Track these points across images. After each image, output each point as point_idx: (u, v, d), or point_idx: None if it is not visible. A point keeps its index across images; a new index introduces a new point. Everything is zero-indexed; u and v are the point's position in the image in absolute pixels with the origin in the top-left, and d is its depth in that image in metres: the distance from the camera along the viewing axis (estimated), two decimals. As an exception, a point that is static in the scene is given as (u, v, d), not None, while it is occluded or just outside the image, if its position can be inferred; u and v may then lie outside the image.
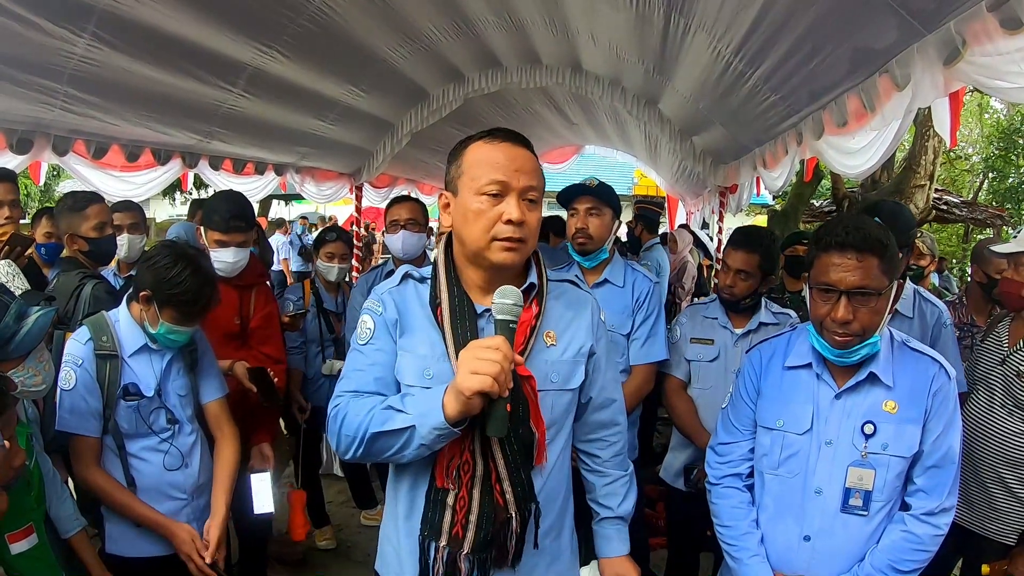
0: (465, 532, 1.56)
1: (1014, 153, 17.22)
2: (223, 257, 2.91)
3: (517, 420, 1.55)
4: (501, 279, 1.54)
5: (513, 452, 1.56)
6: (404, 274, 1.72)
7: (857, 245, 1.78)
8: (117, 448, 2.28)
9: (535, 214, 1.56)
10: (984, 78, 1.64)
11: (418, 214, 3.62)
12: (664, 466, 3.17)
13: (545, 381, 1.61)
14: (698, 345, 2.99)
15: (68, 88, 2.82)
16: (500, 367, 1.33)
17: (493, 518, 1.56)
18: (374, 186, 6.73)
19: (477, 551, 1.56)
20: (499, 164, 1.53)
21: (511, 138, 1.58)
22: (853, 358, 1.87)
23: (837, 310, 1.80)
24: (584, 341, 1.69)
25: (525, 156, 1.57)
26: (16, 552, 1.80)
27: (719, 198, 5.18)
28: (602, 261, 2.98)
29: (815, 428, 1.94)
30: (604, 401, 1.79)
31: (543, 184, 1.60)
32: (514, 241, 1.52)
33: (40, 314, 1.86)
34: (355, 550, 4.25)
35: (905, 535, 1.86)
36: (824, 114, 2.58)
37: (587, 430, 1.81)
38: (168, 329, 2.25)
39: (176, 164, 4.17)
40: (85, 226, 2.91)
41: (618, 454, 1.84)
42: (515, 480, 1.57)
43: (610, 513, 1.82)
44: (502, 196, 1.52)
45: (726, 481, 2.13)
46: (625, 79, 4.42)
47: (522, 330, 1.59)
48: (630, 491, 1.85)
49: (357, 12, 3.16)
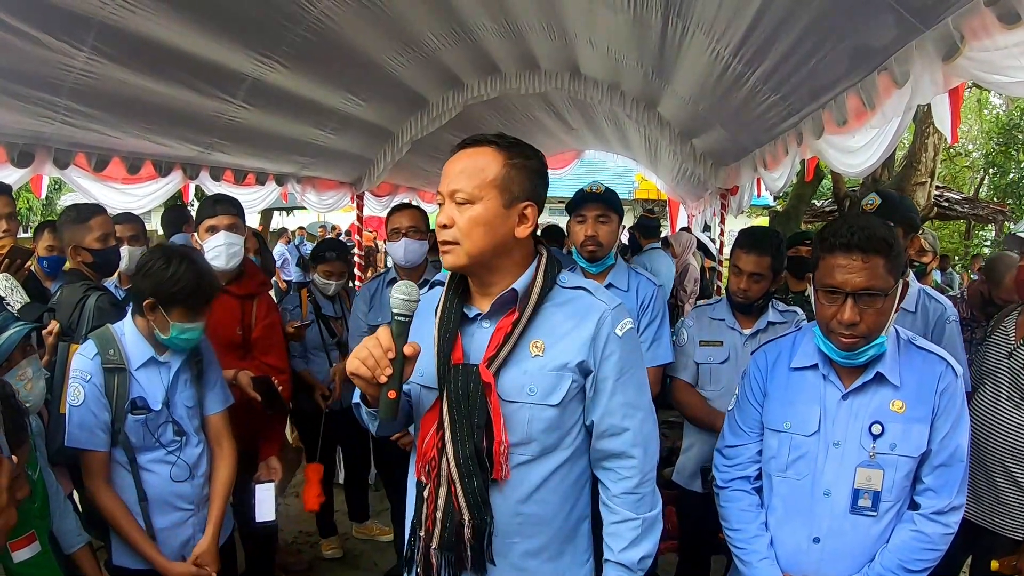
0: (434, 527, 1.61)
1: (1014, 148, 17.21)
2: (215, 242, 2.93)
3: (471, 426, 1.57)
4: (482, 282, 1.64)
5: (465, 457, 1.57)
6: (433, 282, 1.84)
7: (862, 246, 1.75)
8: (128, 462, 2.29)
9: (466, 214, 1.56)
10: (983, 73, 1.63)
11: (419, 221, 3.62)
12: (677, 468, 3.15)
13: (520, 392, 1.59)
14: (708, 348, 2.98)
15: (68, 101, 2.82)
16: (368, 353, 1.46)
17: (454, 519, 1.59)
18: (375, 195, 6.74)
19: (443, 548, 1.60)
20: (443, 176, 1.60)
21: (463, 146, 1.64)
22: (860, 359, 1.85)
23: (843, 312, 1.78)
24: (574, 356, 1.60)
25: (460, 159, 1.61)
26: (19, 560, 1.79)
27: (720, 200, 5.17)
28: (608, 267, 2.99)
29: (822, 429, 1.93)
30: (609, 428, 1.65)
31: (484, 181, 1.57)
32: (444, 244, 1.59)
33: (15, 329, 1.86)
34: (361, 559, 4.24)
35: (915, 535, 1.85)
36: (824, 113, 2.57)
37: (596, 457, 1.70)
38: (180, 329, 2.26)
39: (177, 176, 4.17)
40: (89, 238, 2.92)
41: (630, 492, 1.65)
42: (466, 486, 1.57)
43: (611, 556, 1.65)
44: (442, 206, 1.61)
45: (734, 484, 2.12)
46: (624, 82, 4.42)
47: (497, 336, 1.61)
48: (640, 539, 1.64)
49: (356, 21, 3.16)
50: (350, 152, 5.21)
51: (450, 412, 1.59)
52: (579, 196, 2.96)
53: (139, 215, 4.11)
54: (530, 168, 1.62)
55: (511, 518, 1.61)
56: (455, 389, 1.59)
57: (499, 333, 1.60)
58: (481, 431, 1.56)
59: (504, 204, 1.57)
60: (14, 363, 1.91)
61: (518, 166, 1.59)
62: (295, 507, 4.81)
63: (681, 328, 3.10)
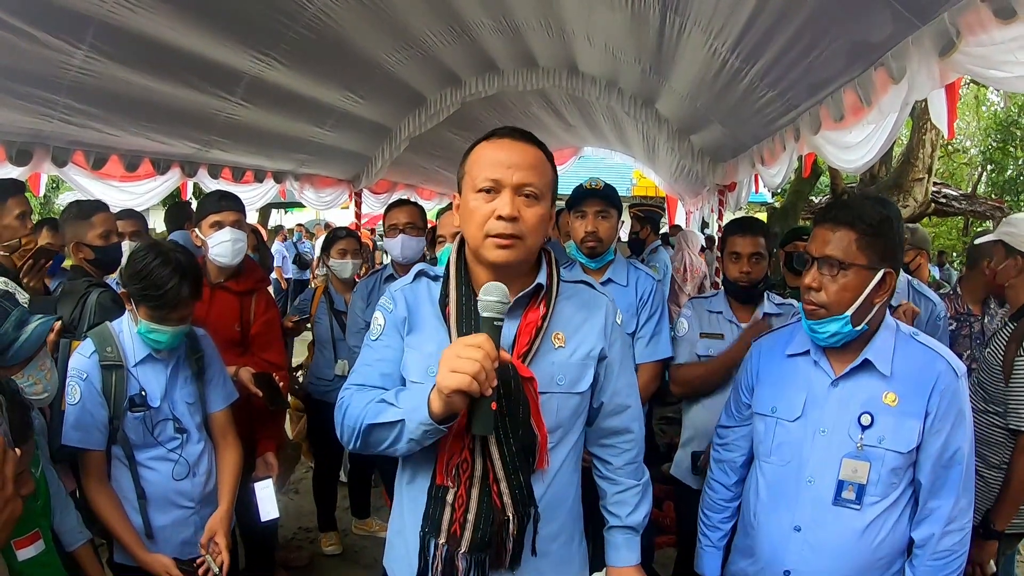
0: (463, 531, 1.55)
1: (1012, 145, 17.26)
2: (221, 239, 2.93)
3: (517, 422, 1.54)
4: (506, 277, 1.53)
5: (511, 454, 1.54)
6: (418, 272, 1.72)
7: (836, 218, 1.83)
8: (127, 459, 2.29)
9: (534, 210, 1.53)
10: (979, 68, 1.64)
11: (417, 218, 3.62)
12: (675, 462, 3.14)
13: (550, 383, 1.60)
14: (709, 340, 2.97)
15: (67, 99, 2.83)
16: (479, 366, 1.32)
17: (491, 519, 1.55)
18: (373, 192, 6.74)
19: (474, 551, 1.54)
20: (494, 162, 1.53)
21: (514, 135, 1.58)
22: (822, 333, 1.88)
23: (807, 276, 1.87)
24: (595, 344, 1.66)
25: (524, 152, 1.55)
26: (23, 559, 1.80)
27: (718, 196, 5.18)
28: (607, 262, 3.00)
29: (808, 415, 1.93)
30: (616, 407, 1.75)
31: (548, 181, 1.58)
32: (506, 237, 1.50)
33: (40, 322, 1.87)
34: (362, 555, 4.24)
35: (934, 562, 1.83)
36: (821, 109, 2.58)
37: (599, 435, 1.78)
38: (147, 328, 2.25)
39: (175, 173, 4.18)
40: (91, 234, 2.91)
41: (631, 462, 1.79)
42: (512, 483, 1.55)
43: (619, 522, 1.77)
44: (496, 192, 1.52)
45: (719, 467, 2.23)
46: (622, 79, 4.43)
47: (528, 331, 1.59)
48: (642, 501, 1.79)
49: (353, 19, 3.17)
50: (348, 149, 5.22)
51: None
52: (579, 192, 2.96)
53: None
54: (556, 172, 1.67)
55: (540, 505, 1.62)
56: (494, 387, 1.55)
57: (529, 327, 1.59)
58: (527, 425, 1.55)
59: (550, 206, 1.60)
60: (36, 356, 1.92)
61: (554, 169, 1.64)
62: (295, 503, 4.83)
63: (680, 319, 3.08)
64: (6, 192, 2.85)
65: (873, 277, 1.81)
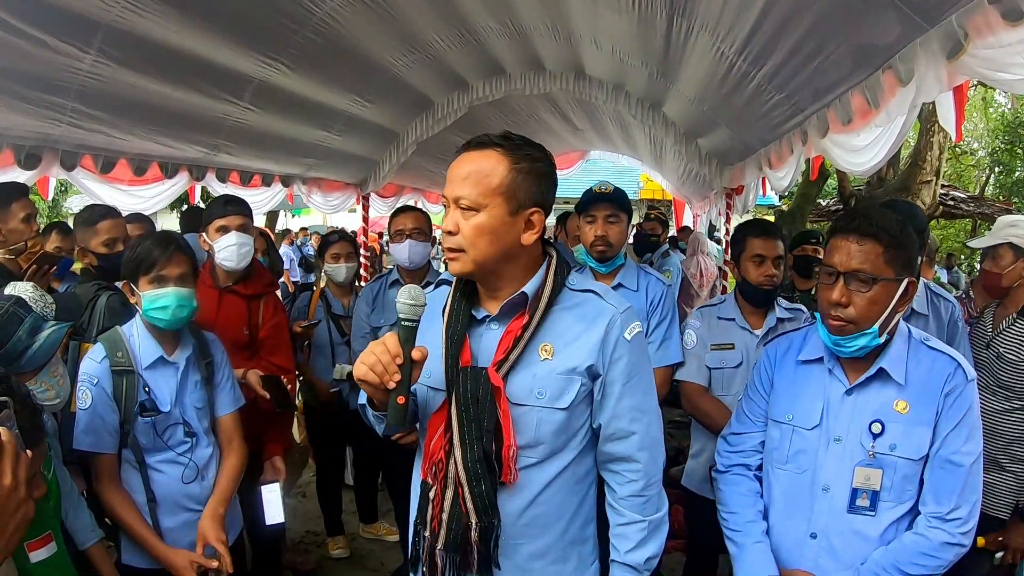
0: (440, 528, 1.61)
1: (1020, 147, 17.17)
2: (227, 243, 2.94)
3: (480, 429, 1.55)
4: (490, 287, 1.62)
5: (473, 460, 1.56)
6: (440, 280, 1.82)
7: (860, 230, 1.79)
8: (137, 463, 2.30)
9: (470, 221, 1.53)
10: (987, 71, 1.64)
11: (423, 223, 3.63)
12: (687, 473, 3.09)
13: (529, 396, 1.58)
14: (720, 351, 2.90)
15: (75, 103, 2.84)
16: (376, 359, 1.45)
17: (460, 521, 1.59)
18: (381, 196, 6.74)
19: (448, 549, 1.60)
20: (448, 178, 1.58)
21: (468, 147, 1.60)
22: (849, 347, 1.84)
23: (832, 291, 1.81)
24: (584, 359, 1.59)
25: (466, 163, 1.56)
26: (36, 560, 1.80)
27: (725, 200, 5.18)
28: (618, 266, 2.99)
29: (824, 424, 1.92)
30: (616, 432, 1.63)
31: (491, 187, 1.52)
32: (450, 251, 1.57)
33: (53, 329, 1.88)
34: (369, 559, 4.25)
35: (915, 538, 1.81)
36: (829, 112, 2.58)
37: (602, 459, 1.69)
38: (150, 299, 2.28)
39: (183, 177, 4.19)
40: (95, 241, 2.91)
41: (636, 495, 1.65)
42: (474, 489, 1.56)
43: (618, 556, 1.65)
44: (447, 209, 1.58)
45: (735, 470, 2.13)
46: (629, 83, 4.43)
47: (507, 339, 1.59)
48: (646, 541, 1.64)
49: (361, 23, 3.18)
50: (356, 153, 5.23)
51: (459, 415, 1.58)
52: (589, 196, 2.95)
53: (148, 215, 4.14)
54: (537, 172, 1.57)
55: (517, 520, 1.60)
56: (464, 392, 1.57)
57: (508, 336, 1.59)
58: (490, 435, 1.55)
59: (510, 211, 1.54)
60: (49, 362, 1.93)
61: (524, 170, 1.55)
62: (303, 506, 4.83)
63: (688, 330, 3.00)
64: (10, 195, 2.86)
65: (899, 288, 1.80)
